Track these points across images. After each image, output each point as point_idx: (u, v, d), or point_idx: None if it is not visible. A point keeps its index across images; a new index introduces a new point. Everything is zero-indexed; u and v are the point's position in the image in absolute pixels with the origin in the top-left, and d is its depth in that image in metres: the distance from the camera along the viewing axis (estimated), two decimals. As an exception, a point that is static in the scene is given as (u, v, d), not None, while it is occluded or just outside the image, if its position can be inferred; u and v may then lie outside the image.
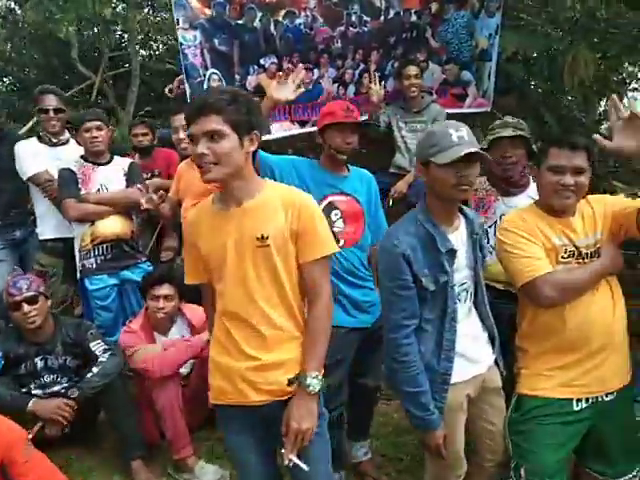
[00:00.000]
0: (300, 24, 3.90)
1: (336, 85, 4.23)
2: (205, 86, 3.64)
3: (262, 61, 3.86)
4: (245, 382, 1.73)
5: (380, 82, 4.43)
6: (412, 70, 4.18)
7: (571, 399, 2.03)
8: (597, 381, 2.03)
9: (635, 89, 9.87)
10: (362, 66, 4.30)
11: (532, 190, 2.55)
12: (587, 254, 2.04)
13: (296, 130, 4.19)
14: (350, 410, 2.84)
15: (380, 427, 3.36)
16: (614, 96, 1.80)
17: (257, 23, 3.76)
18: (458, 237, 2.04)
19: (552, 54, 5.64)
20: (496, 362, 2.14)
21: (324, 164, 2.66)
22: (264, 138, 3.99)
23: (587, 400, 2.04)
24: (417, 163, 2.04)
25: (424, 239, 1.95)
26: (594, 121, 8.93)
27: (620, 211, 2.03)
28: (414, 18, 4.37)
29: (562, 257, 2.03)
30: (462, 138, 1.88)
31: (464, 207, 2.16)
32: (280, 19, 3.82)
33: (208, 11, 3.59)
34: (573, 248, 2.04)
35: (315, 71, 4.09)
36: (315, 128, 4.31)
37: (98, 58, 8.82)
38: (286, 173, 2.57)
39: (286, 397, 1.75)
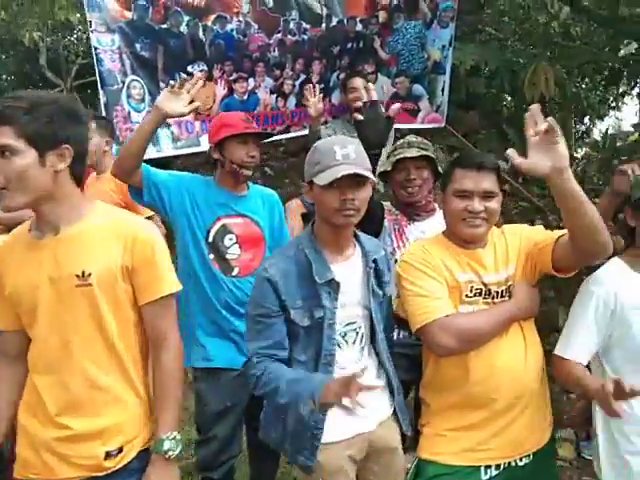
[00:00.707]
0: (232, 30, 3.60)
1: (274, 96, 3.93)
2: (124, 94, 3.32)
3: (190, 68, 3.55)
4: (53, 454, 1.40)
5: (324, 95, 4.16)
6: (358, 82, 3.88)
7: (478, 467, 1.72)
8: (509, 444, 1.72)
9: (614, 107, 9.76)
10: (303, 77, 4.01)
11: (441, 215, 2.27)
12: (497, 293, 1.75)
13: (230, 143, 3.87)
14: (251, 465, 2.50)
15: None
16: (534, 106, 1.51)
17: (184, 28, 3.46)
18: (349, 268, 1.75)
19: (513, 67, 5.40)
20: (396, 417, 1.81)
21: (221, 182, 2.36)
22: (193, 150, 3.74)
23: (497, 467, 1.73)
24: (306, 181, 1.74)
25: (302, 266, 1.66)
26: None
27: (535, 245, 1.73)
28: (360, 27, 4.10)
29: (467, 296, 1.73)
30: (347, 156, 1.61)
31: (362, 234, 1.85)
32: (209, 24, 3.53)
33: (128, 14, 3.29)
34: (481, 285, 1.73)
35: (250, 80, 3.79)
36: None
37: (68, 65, 8.51)
38: (175, 192, 2.26)
39: (105, 473, 1.41)
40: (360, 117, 2.30)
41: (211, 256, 2.24)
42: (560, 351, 1.77)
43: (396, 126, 4.64)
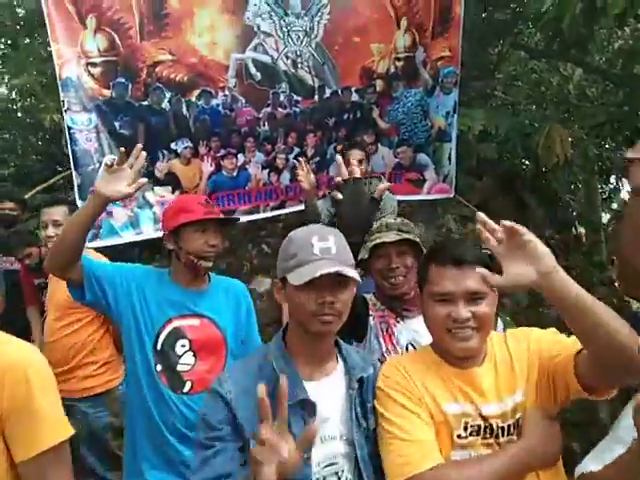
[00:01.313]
0: (218, 105, 3.41)
1: (266, 171, 3.69)
2: (100, 174, 3.09)
3: (174, 145, 3.35)
4: None
5: (321, 167, 3.90)
6: (355, 155, 3.60)
7: None
8: None
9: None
10: (297, 150, 3.77)
11: None
12: (502, 429, 1.32)
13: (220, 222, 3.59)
14: None
15: None
16: (480, 214, 1.19)
17: (166, 104, 3.28)
18: (328, 388, 1.38)
19: (525, 131, 5.11)
20: None
21: (175, 275, 2.03)
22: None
23: None
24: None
25: (268, 382, 1.26)
26: (588, 203, 8.37)
27: (551, 358, 1.32)
28: (356, 97, 3.88)
29: (459, 436, 1.30)
30: (327, 250, 1.32)
31: (346, 345, 1.48)
32: (193, 99, 3.34)
33: (106, 92, 3.12)
34: (478, 420, 1.31)
35: (240, 156, 3.55)
36: (249, 217, 3.83)
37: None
38: (121, 287, 1.94)
39: None
40: (339, 196, 1.96)
41: (159, 367, 1.87)
42: (590, 467, 1.30)
43: (401, 198, 4.37)
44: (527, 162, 5.71)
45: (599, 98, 7.16)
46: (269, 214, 3.78)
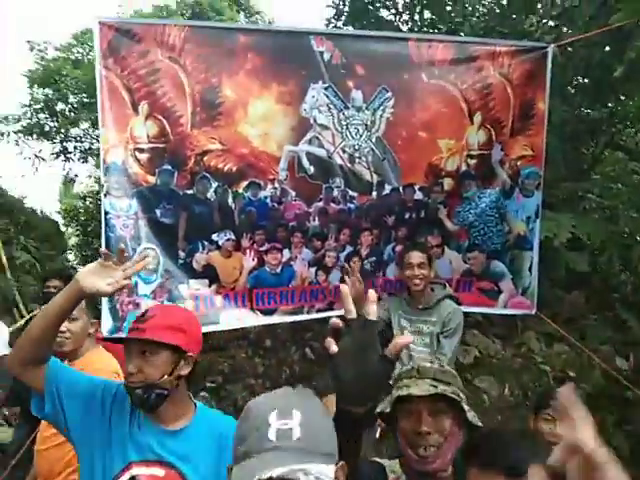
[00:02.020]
0: (266, 197, 3.19)
1: (314, 269, 3.35)
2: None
3: (215, 237, 3.13)
4: None
5: (377, 269, 3.50)
6: (415, 258, 3.19)
7: None
8: None
9: None
10: (350, 249, 3.41)
11: None
12: None
13: (258, 321, 3.26)
14: None
15: None
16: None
17: (211, 194, 3.11)
18: None
19: (624, 241, 4.42)
20: None
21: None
22: (210, 329, 3.15)
23: None
24: None
25: None
26: None
27: None
28: (420, 195, 3.51)
29: None
30: (286, 435, 0.94)
31: None
32: (240, 191, 3.15)
33: (151, 178, 3.01)
34: None
35: (285, 251, 3.26)
36: (292, 318, 3.46)
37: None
38: (85, 410, 1.59)
39: None
40: (333, 347, 1.25)
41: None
42: None
43: (471, 310, 3.83)
44: (626, 275, 4.93)
45: None
46: (314, 316, 3.40)
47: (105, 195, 2.88)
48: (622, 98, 5.18)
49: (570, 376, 3.92)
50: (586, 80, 5.33)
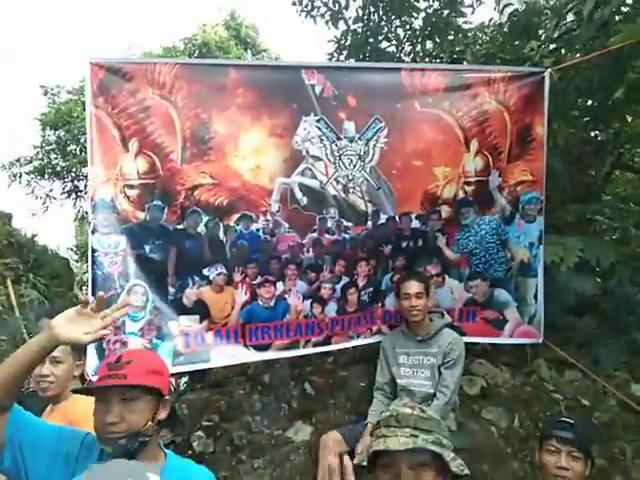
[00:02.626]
0: (258, 230, 3.11)
1: (309, 302, 3.24)
2: (120, 300, 2.83)
3: (206, 271, 3.04)
4: None
5: (375, 300, 3.40)
6: (412, 287, 3.10)
7: None
8: None
9: None
10: (346, 280, 3.31)
11: None
12: None
13: (252, 357, 3.15)
14: None
15: None
16: None
17: (202, 228, 3.04)
18: None
19: (636, 263, 4.23)
20: None
21: None
22: (200, 367, 3.05)
23: None
24: None
25: None
26: None
27: None
28: (417, 224, 3.41)
29: None
30: None
31: None
32: (232, 224, 3.08)
33: (141, 214, 2.96)
34: None
35: (278, 284, 3.16)
36: (287, 354, 3.33)
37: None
38: (46, 463, 1.49)
39: None
40: None
41: None
42: None
43: (476, 340, 3.68)
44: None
45: None
46: (310, 350, 3.28)
47: (93, 232, 2.83)
48: (627, 118, 5.04)
49: (584, 405, 3.71)
50: (589, 102, 5.22)
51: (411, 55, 6.47)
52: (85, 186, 8.98)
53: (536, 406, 3.65)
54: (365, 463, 1.35)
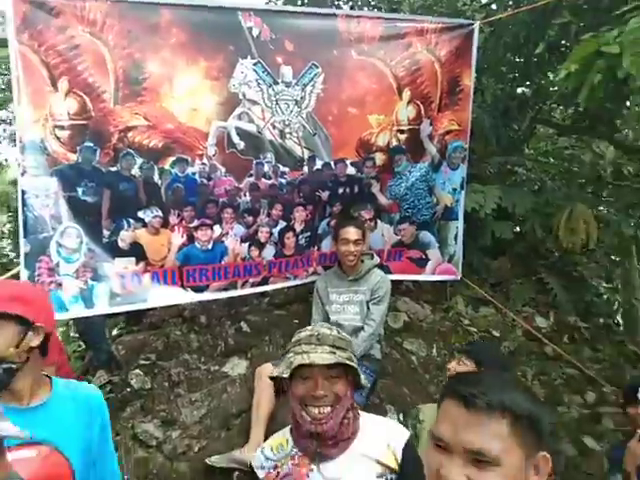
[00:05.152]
0: (194, 173, 3.01)
1: (246, 245, 3.21)
2: (54, 242, 2.71)
3: (141, 214, 2.93)
4: None
5: (312, 244, 3.42)
6: (352, 234, 3.09)
7: None
8: None
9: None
10: (283, 224, 3.29)
11: (368, 443, 1.42)
12: None
13: (189, 298, 3.13)
14: None
15: None
16: None
17: (136, 171, 2.90)
18: None
19: (546, 210, 4.48)
20: None
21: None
22: (137, 307, 3.01)
23: None
24: None
25: None
26: (625, 288, 7.45)
27: None
28: (352, 170, 3.41)
29: None
30: None
31: None
32: (167, 167, 2.95)
33: (72, 156, 2.77)
34: None
35: (216, 228, 3.11)
36: (225, 295, 3.34)
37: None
38: None
39: None
40: None
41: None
42: None
43: (401, 277, 3.83)
44: (549, 242, 5.02)
45: (635, 177, 6.46)
46: (248, 291, 3.29)
47: (22, 174, 2.65)
48: (548, 75, 5.18)
49: (494, 336, 3.99)
50: (516, 58, 5.30)
51: (349, 3, 6.31)
52: (4, 130, 8.30)
53: (452, 338, 3.89)
54: (286, 375, 1.42)
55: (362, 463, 1.39)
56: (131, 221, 2.90)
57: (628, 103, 5.11)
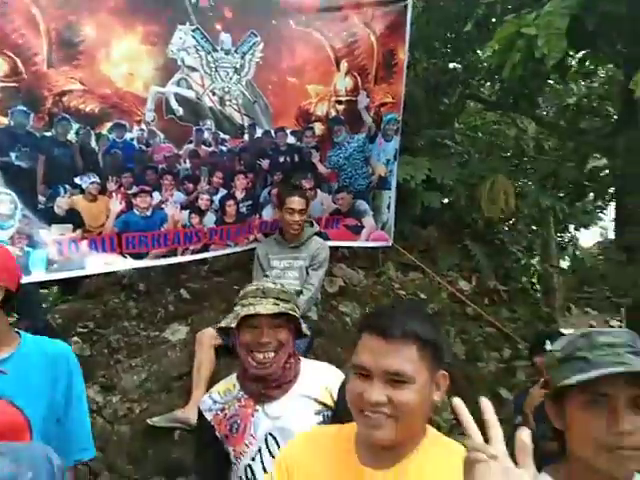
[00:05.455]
0: (132, 139, 3.00)
1: (186, 212, 3.25)
2: (-15, 208, 2.64)
3: (78, 180, 2.90)
4: None
5: (254, 211, 3.51)
6: (296, 204, 3.16)
7: None
8: None
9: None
10: (224, 192, 3.36)
11: (307, 385, 1.60)
12: None
13: (128, 264, 3.15)
14: None
15: None
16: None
17: (72, 136, 2.85)
18: None
19: (471, 181, 4.82)
20: None
21: None
22: (75, 274, 3.01)
23: None
24: None
25: None
26: (542, 254, 8.11)
27: None
28: (292, 139, 3.50)
29: None
30: None
31: None
32: (104, 132, 2.92)
33: (4, 119, 2.68)
34: None
35: (155, 194, 3.13)
36: (164, 262, 3.39)
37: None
38: None
39: None
40: None
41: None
42: None
43: (337, 244, 4.01)
44: (474, 211, 5.40)
45: (552, 152, 6.99)
46: (188, 258, 3.35)
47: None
48: (477, 52, 5.46)
49: (422, 298, 4.30)
50: (448, 34, 5.54)
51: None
52: None
53: (384, 301, 4.16)
54: (234, 325, 1.56)
55: (302, 402, 1.56)
56: (67, 187, 2.86)
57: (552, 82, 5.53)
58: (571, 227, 9.60)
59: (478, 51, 5.35)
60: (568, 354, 0.98)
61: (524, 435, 0.75)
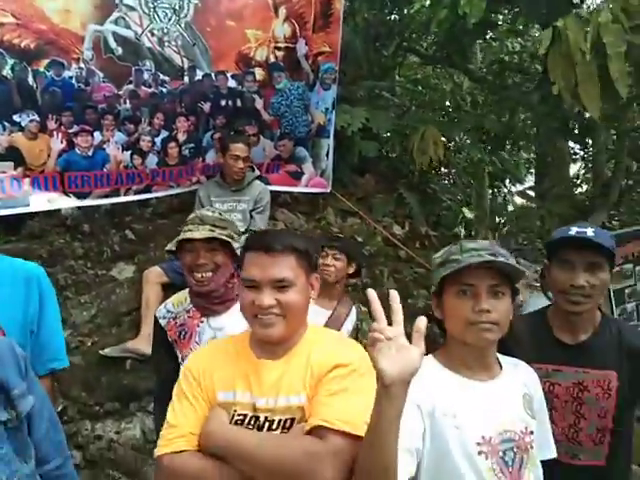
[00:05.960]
0: (71, 77, 3.00)
1: (128, 153, 3.32)
2: None
3: (17, 118, 2.90)
4: None
5: (196, 154, 3.60)
6: (240, 150, 3.26)
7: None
8: None
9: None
10: (165, 133, 3.43)
11: None
12: (269, 423, 1.20)
13: (72, 203, 3.21)
14: None
15: None
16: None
17: (8, 72, 2.83)
18: None
19: (405, 132, 5.09)
20: None
21: None
22: (19, 211, 3.04)
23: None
24: None
25: None
26: (463, 204, 8.61)
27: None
28: (233, 83, 3.59)
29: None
30: None
31: None
32: (42, 69, 2.92)
33: None
34: (247, 410, 1.22)
35: (96, 134, 3.17)
36: (107, 201, 3.46)
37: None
38: None
39: None
40: None
41: None
42: None
43: (278, 189, 4.19)
44: (408, 161, 5.69)
45: (487, 106, 7.36)
46: (131, 198, 3.44)
47: None
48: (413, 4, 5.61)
49: (359, 242, 4.59)
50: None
51: None
52: None
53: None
54: (174, 248, 1.77)
55: (241, 317, 1.79)
56: (6, 124, 2.86)
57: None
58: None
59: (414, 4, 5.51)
60: (445, 259, 1.28)
61: (421, 322, 0.99)
